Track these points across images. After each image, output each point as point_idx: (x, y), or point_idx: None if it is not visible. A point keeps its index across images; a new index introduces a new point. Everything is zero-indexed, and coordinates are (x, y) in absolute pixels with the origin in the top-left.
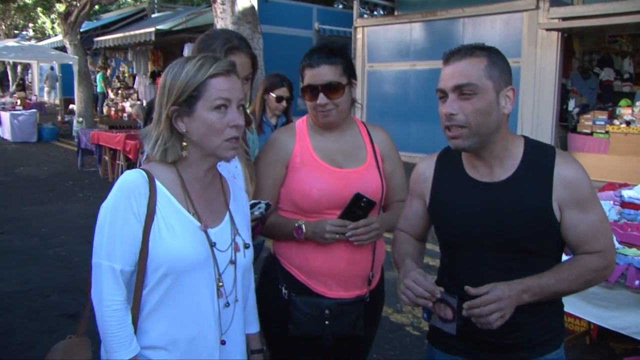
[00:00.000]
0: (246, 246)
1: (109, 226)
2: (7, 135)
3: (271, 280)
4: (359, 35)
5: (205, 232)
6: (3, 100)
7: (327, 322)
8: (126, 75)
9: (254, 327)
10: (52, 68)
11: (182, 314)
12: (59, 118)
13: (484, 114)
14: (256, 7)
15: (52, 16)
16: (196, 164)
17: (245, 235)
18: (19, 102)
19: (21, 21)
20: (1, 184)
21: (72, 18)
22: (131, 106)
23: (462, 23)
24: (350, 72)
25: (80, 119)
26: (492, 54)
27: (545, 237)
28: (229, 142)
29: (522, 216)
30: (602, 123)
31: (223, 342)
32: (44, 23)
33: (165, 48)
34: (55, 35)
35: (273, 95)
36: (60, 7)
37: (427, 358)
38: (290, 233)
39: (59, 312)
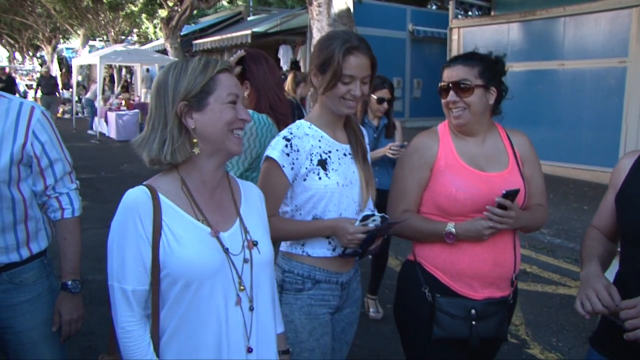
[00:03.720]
0: (254, 243)
1: (116, 248)
2: (113, 134)
3: (412, 284)
4: (455, 37)
5: (217, 237)
6: (110, 101)
7: (473, 323)
8: None
9: (279, 328)
10: (147, 70)
11: (203, 331)
12: None
13: None
14: (352, 9)
15: (155, 21)
16: (204, 164)
17: (257, 233)
18: (123, 102)
19: (127, 27)
20: (108, 180)
21: (173, 23)
22: None
23: (562, 22)
24: (488, 76)
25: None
26: None
27: None
28: (238, 137)
29: None
30: None
31: (250, 350)
32: (147, 28)
33: (260, 50)
34: (157, 39)
35: (374, 96)
36: (163, 13)
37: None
38: (436, 235)
39: None
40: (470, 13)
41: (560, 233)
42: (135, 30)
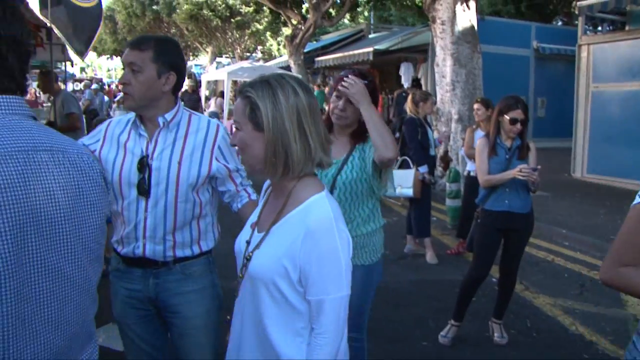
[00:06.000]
0: (247, 258)
1: (341, 257)
2: None
3: None
4: (584, 54)
5: (252, 230)
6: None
7: None
8: None
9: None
10: None
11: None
12: None
13: None
14: (476, 27)
15: (279, 39)
16: None
17: (268, 251)
18: None
19: (252, 45)
20: None
21: (297, 40)
22: None
23: None
24: None
25: None
26: None
27: None
28: None
29: None
30: None
31: None
32: (271, 45)
33: (381, 67)
34: (281, 55)
35: (507, 117)
36: (287, 31)
37: None
38: None
39: None
40: (600, 28)
41: None
42: (259, 47)
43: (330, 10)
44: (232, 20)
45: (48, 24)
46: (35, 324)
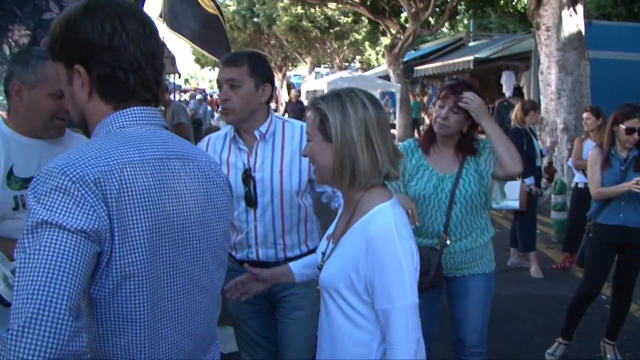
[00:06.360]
0: (319, 267)
1: (404, 265)
2: None
3: None
4: None
5: (328, 242)
6: None
7: None
8: None
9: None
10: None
11: None
12: None
13: None
14: (583, 32)
15: (377, 49)
16: None
17: (336, 262)
18: None
19: (350, 55)
20: None
21: (396, 50)
22: None
23: None
24: None
25: (400, 144)
26: None
27: None
28: None
29: None
30: None
31: None
32: (369, 55)
33: (481, 76)
34: (379, 65)
35: (623, 126)
36: (385, 41)
37: None
38: None
39: None
40: None
41: None
42: (358, 57)
43: (430, 19)
44: (331, 30)
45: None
46: (167, 326)
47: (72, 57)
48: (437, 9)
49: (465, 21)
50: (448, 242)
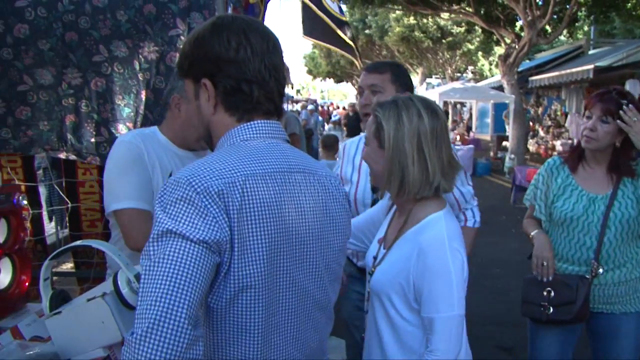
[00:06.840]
0: (370, 273)
1: (455, 277)
2: None
3: None
4: None
5: (380, 245)
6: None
7: None
8: (558, 113)
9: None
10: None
11: None
12: (492, 154)
13: None
14: None
15: (490, 59)
16: None
17: (388, 268)
18: (458, 137)
19: (463, 65)
20: None
21: (511, 60)
22: (562, 145)
23: None
24: None
25: (512, 156)
26: None
27: None
28: None
29: None
30: None
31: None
32: (482, 65)
33: (602, 85)
34: (492, 76)
35: None
36: (499, 50)
37: None
38: None
39: (495, 343)
40: None
41: None
42: (470, 67)
43: (547, 27)
44: (444, 41)
45: None
46: (279, 338)
47: (200, 72)
48: (555, 16)
49: (585, 28)
50: (600, 270)
